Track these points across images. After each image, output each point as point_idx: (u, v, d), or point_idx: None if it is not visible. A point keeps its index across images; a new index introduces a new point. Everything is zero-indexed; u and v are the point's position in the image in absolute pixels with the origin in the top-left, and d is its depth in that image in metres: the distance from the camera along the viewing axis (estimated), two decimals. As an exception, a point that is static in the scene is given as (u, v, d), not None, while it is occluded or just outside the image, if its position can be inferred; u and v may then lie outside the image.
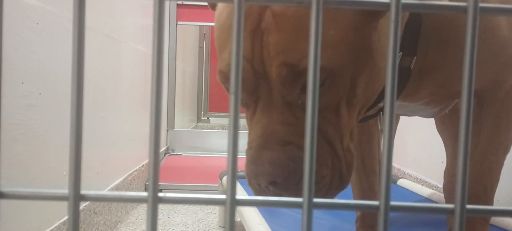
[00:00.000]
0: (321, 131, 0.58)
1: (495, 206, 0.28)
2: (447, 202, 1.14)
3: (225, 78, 0.58)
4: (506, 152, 0.87)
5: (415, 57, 0.73)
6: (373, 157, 1.03)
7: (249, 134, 0.60)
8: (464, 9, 0.28)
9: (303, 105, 0.56)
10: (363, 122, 0.79)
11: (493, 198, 0.88)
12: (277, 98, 0.56)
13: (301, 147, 0.56)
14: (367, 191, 1.02)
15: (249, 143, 0.59)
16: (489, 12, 0.29)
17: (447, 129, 1.17)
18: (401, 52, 0.71)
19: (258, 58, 0.55)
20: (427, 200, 1.42)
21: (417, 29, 0.72)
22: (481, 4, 0.28)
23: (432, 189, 1.65)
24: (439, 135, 1.22)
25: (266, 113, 0.57)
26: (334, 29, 0.54)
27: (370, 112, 0.75)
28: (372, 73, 0.59)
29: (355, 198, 1.04)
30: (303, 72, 0.54)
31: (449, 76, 0.78)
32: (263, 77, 0.56)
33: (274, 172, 0.55)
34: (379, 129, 0.91)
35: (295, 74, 0.54)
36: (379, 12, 0.57)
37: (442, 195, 1.40)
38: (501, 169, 0.87)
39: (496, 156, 0.85)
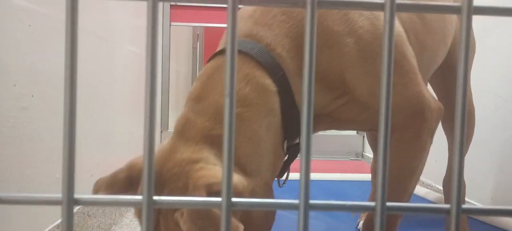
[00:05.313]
0: None
1: (490, 206, 0.28)
2: (445, 198, 1.16)
3: None
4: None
5: None
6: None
7: None
8: (458, 9, 0.28)
9: None
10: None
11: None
12: None
13: None
14: None
15: None
16: (483, 12, 0.29)
17: (451, 129, 1.20)
18: None
19: None
20: (423, 199, 1.42)
21: None
22: (475, 5, 0.28)
23: (427, 188, 1.65)
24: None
25: None
26: None
27: None
28: None
29: None
30: None
31: None
32: None
33: None
34: None
35: None
36: None
37: (437, 194, 1.41)
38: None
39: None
